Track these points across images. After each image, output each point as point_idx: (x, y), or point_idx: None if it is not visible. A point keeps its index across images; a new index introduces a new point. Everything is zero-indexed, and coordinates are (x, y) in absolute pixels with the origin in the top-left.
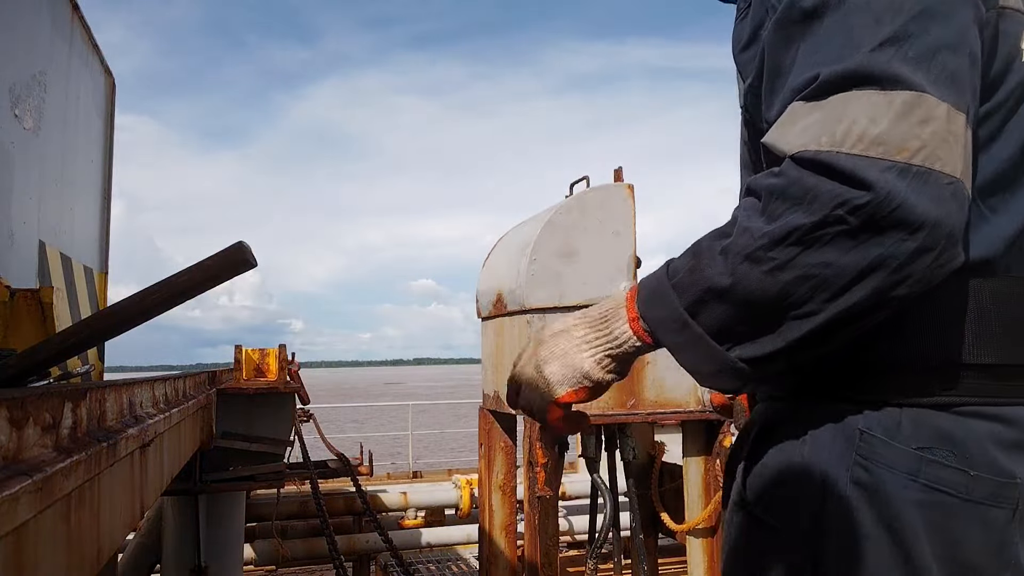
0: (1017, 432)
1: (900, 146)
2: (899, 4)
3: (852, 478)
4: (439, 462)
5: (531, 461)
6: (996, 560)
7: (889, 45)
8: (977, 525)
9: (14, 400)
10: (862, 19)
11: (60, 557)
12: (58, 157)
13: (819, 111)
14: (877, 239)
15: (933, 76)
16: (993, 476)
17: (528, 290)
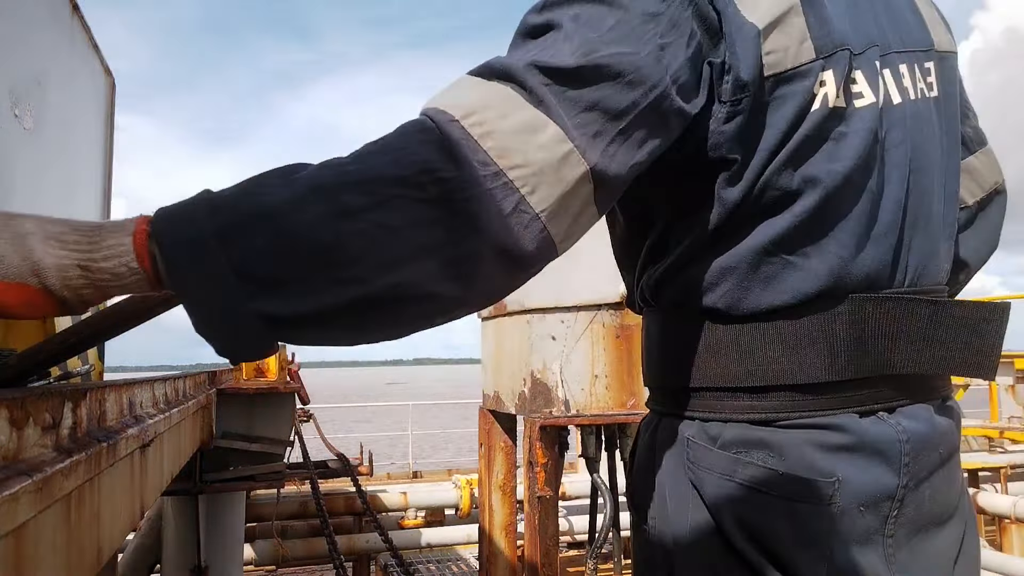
0: (841, 436)
1: (507, 152)
2: (593, 47)
3: (688, 478)
4: (439, 462)
5: (531, 461)
6: (805, 552)
7: (559, 76)
8: (785, 519)
9: (14, 400)
10: (558, 41)
11: (60, 557)
12: (58, 157)
13: (474, 88)
14: (446, 221)
15: (579, 122)
16: (807, 475)
17: (528, 290)
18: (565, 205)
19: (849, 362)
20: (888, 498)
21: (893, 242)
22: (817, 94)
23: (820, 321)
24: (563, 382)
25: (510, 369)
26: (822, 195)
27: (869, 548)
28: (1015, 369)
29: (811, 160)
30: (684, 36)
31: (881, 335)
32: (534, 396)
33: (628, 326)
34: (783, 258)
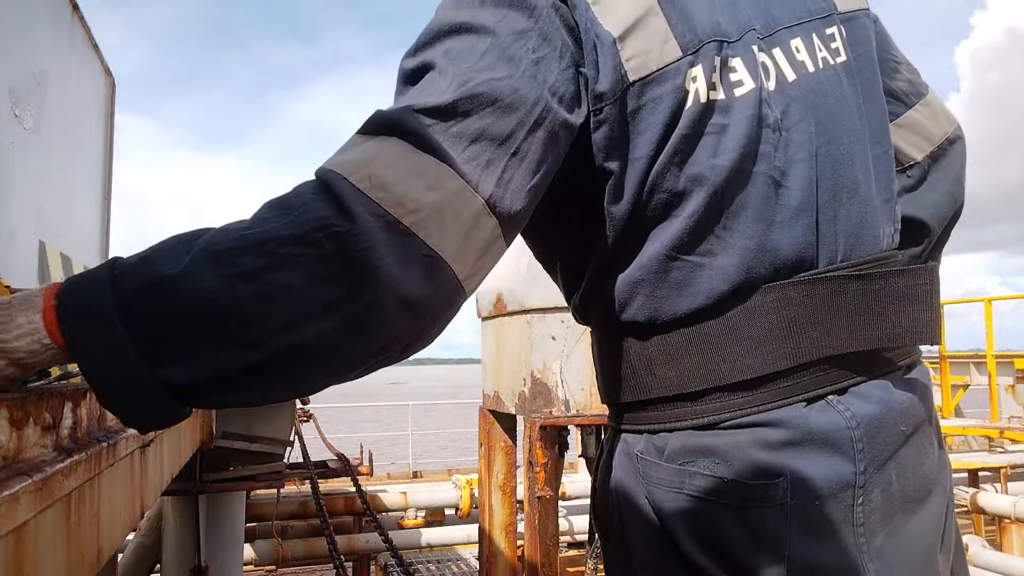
0: (785, 431)
1: (399, 200)
2: (467, 77)
3: (642, 493)
4: (439, 462)
5: (531, 461)
6: (762, 556)
7: (438, 114)
8: (738, 526)
9: (14, 400)
10: (434, 80)
11: (60, 557)
12: (58, 157)
13: (361, 145)
14: (344, 275)
15: (467, 156)
16: (752, 480)
17: (528, 290)
18: (468, 241)
19: (780, 352)
20: (847, 487)
21: (810, 221)
22: (689, 91)
23: (742, 316)
24: (563, 382)
25: (510, 369)
26: (710, 191)
27: (835, 540)
28: (1015, 369)
29: (692, 158)
30: (556, 48)
31: (809, 319)
32: (534, 396)
33: None
34: (687, 261)
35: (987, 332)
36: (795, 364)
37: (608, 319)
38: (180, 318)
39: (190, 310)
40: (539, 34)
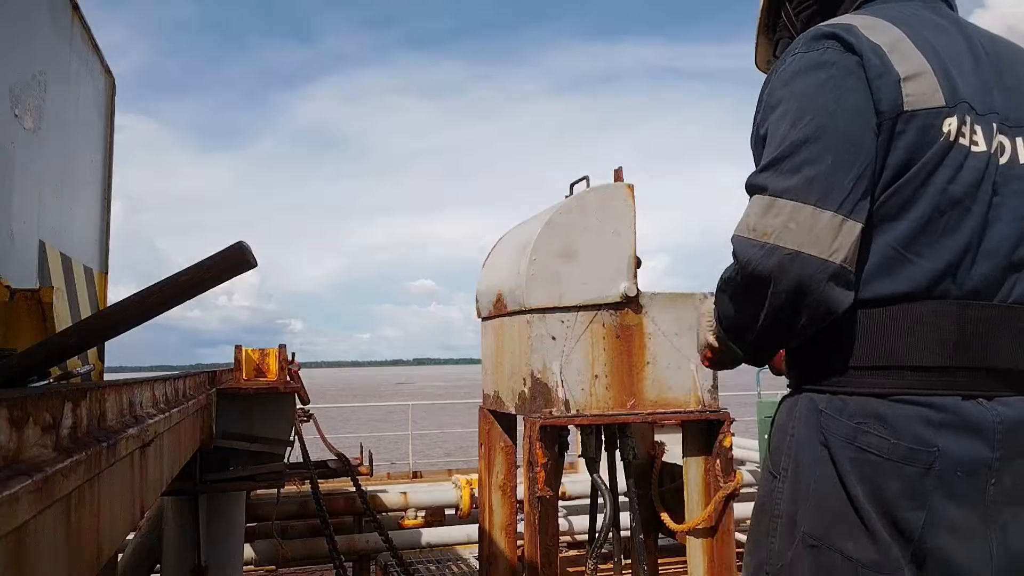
0: (943, 415)
1: (763, 232)
2: (784, 135)
3: (819, 440)
4: (439, 462)
5: (531, 461)
6: (909, 502)
7: (769, 166)
8: (895, 478)
9: (14, 400)
10: (768, 146)
11: (60, 557)
12: (58, 157)
13: (746, 208)
14: (751, 288)
15: (792, 183)
16: (912, 444)
17: (528, 290)
18: (808, 233)
19: (954, 351)
20: (984, 466)
21: (998, 264)
22: (944, 131)
23: (932, 311)
24: (563, 382)
25: (510, 369)
26: (936, 207)
27: (968, 505)
28: None
29: (932, 179)
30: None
31: (976, 334)
32: (534, 396)
33: (628, 326)
34: (902, 254)
35: None
36: (961, 365)
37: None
38: (722, 322)
39: (721, 319)
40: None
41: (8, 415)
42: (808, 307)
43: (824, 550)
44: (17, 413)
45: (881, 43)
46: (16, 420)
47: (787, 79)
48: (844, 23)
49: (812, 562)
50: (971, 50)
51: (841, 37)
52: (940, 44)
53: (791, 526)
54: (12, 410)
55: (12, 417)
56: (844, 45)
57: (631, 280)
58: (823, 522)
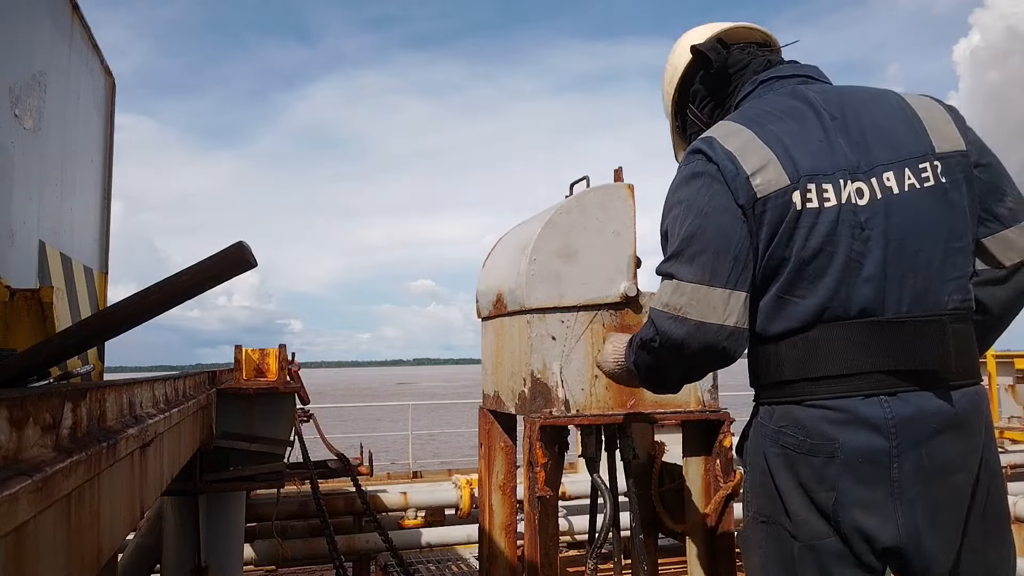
0: (842, 414)
1: (673, 307)
2: (677, 233)
3: (759, 442)
4: (439, 462)
5: (531, 461)
6: (820, 485)
7: (672, 258)
8: (806, 466)
9: (14, 400)
10: (669, 242)
11: (60, 557)
12: (58, 157)
13: (659, 288)
14: (669, 350)
15: (689, 270)
16: (817, 440)
17: (528, 290)
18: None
19: (844, 362)
20: (884, 454)
21: (879, 286)
22: (793, 203)
23: (820, 336)
24: (563, 382)
25: (510, 369)
26: (800, 260)
27: (874, 485)
28: (1015, 369)
29: (792, 240)
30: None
31: (864, 345)
32: (534, 396)
33: (628, 326)
34: (787, 299)
35: None
36: (850, 372)
37: (753, 332)
38: (637, 372)
39: (632, 372)
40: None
41: (8, 415)
42: (712, 359)
43: (771, 524)
44: (17, 413)
45: (733, 149)
46: (16, 420)
47: (675, 188)
48: (708, 136)
49: (763, 533)
50: (820, 123)
51: (703, 151)
52: (786, 132)
53: (746, 505)
54: (12, 410)
55: (12, 417)
56: (707, 157)
57: (631, 280)
58: (764, 503)
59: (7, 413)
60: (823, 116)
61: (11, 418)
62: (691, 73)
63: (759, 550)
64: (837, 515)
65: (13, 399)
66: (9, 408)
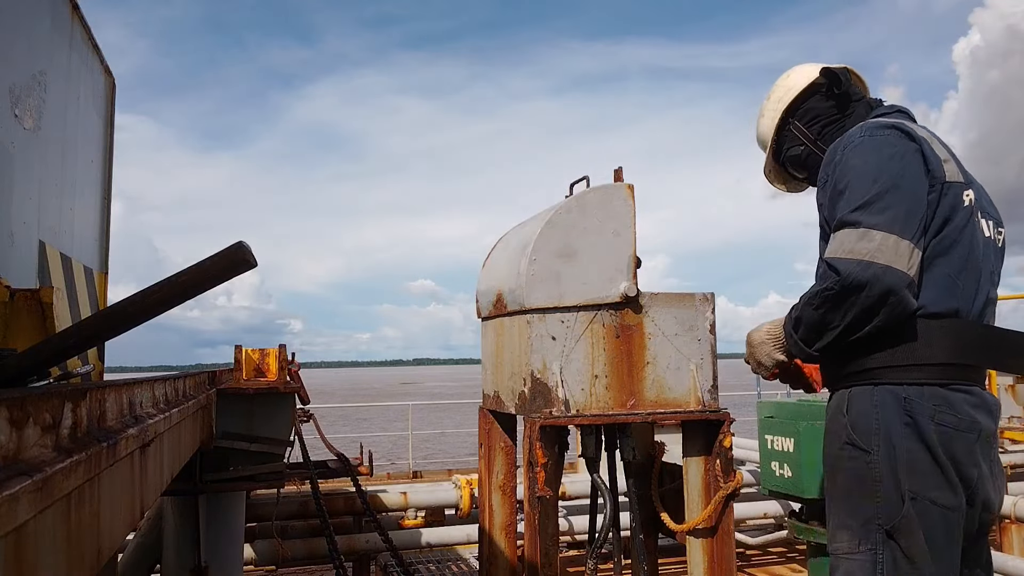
0: (977, 399)
1: (860, 252)
2: (867, 188)
3: (904, 421)
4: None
5: (531, 461)
6: (970, 458)
7: (861, 208)
8: (962, 442)
9: (14, 400)
10: (851, 195)
11: (60, 557)
12: (58, 157)
13: (835, 238)
14: (847, 294)
15: (880, 219)
16: (969, 421)
17: (528, 290)
18: (895, 255)
19: (971, 353)
20: (992, 435)
21: (984, 299)
22: (965, 199)
23: (963, 323)
24: (563, 382)
25: (510, 369)
26: (969, 250)
27: (990, 460)
28: None
29: (965, 230)
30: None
31: (982, 339)
32: (534, 396)
33: (628, 326)
34: (955, 281)
35: None
36: (973, 363)
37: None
38: (807, 328)
39: (807, 325)
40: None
41: (8, 415)
42: (890, 306)
43: (920, 501)
44: (17, 413)
45: (924, 137)
46: (16, 420)
47: (862, 153)
48: (894, 122)
49: (916, 511)
50: (950, 154)
51: (902, 128)
52: (940, 145)
53: (894, 487)
54: (12, 410)
55: (12, 417)
56: (904, 134)
57: (631, 280)
58: (916, 480)
59: (7, 413)
60: (945, 145)
61: (11, 418)
62: (807, 94)
63: (920, 529)
64: (977, 487)
65: (13, 399)
66: (9, 408)
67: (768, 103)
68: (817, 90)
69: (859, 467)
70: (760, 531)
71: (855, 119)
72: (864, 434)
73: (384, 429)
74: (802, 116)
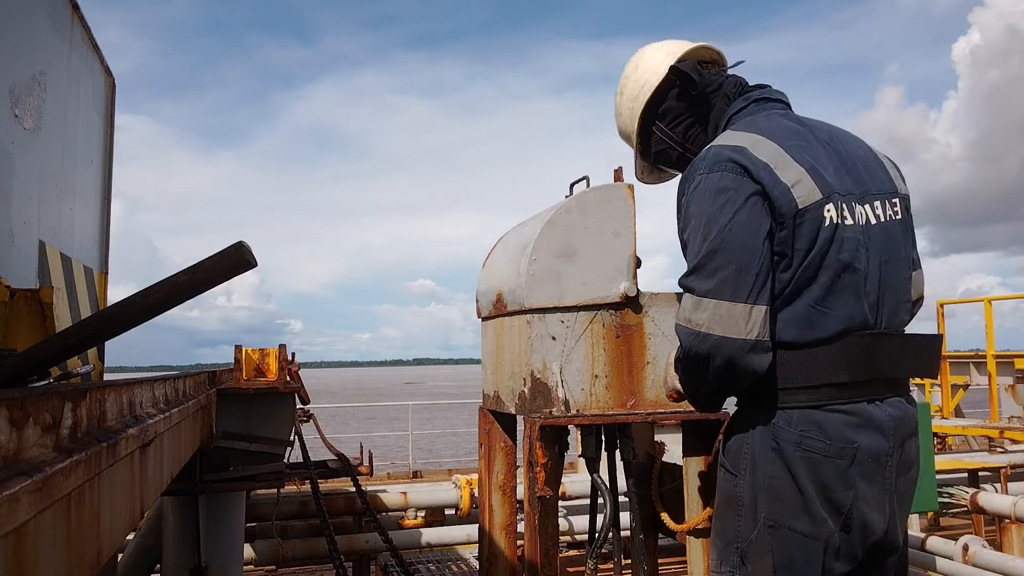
0: (858, 418)
1: (696, 323)
2: (699, 247)
3: (771, 447)
4: (439, 462)
5: (531, 461)
6: (841, 485)
7: (694, 272)
8: (831, 467)
9: (14, 400)
10: (689, 254)
11: (60, 557)
12: (58, 157)
13: (681, 302)
14: (697, 363)
15: (710, 285)
16: (840, 443)
17: (528, 290)
18: (728, 322)
19: (859, 370)
20: (884, 454)
21: (873, 301)
22: (825, 217)
23: (844, 346)
24: (563, 382)
25: (510, 369)
26: (836, 272)
27: (875, 482)
28: (1015, 369)
29: (827, 254)
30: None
31: (871, 354)
32: (534, 396)
33: (628, 326)
34: (819, 310)
35: (987, 332)
36: (866, 378)
37: (775, 340)
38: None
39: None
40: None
41: (8, 415)
42: (739, 373)
43: (779, 528)
44: (17, 413)
45: (767, 159)
46: (16, 420)
47: (698, 199)
48: (735, 144)
49: (771, 538)
50: (823, 147)
51: (735, 161)
52: (804, 149)
53: (752, 512)
54: (12, 410)
55: (12, 417)
56: (740, 168)
57: (631, 280)
58: (776, 508)
59: (7, 413)
60: (822, 141)
61: (11, 418)
62: (662, 91)
63: (769, 555)
64: (851, 512)
65: (13, 399)
66: (9, 408)
67: (622, 99)
68: (672, 85)
69: (728, 488)
70: None
71: (717, 114)
72: (734, 457)
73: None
74: (663, 116)
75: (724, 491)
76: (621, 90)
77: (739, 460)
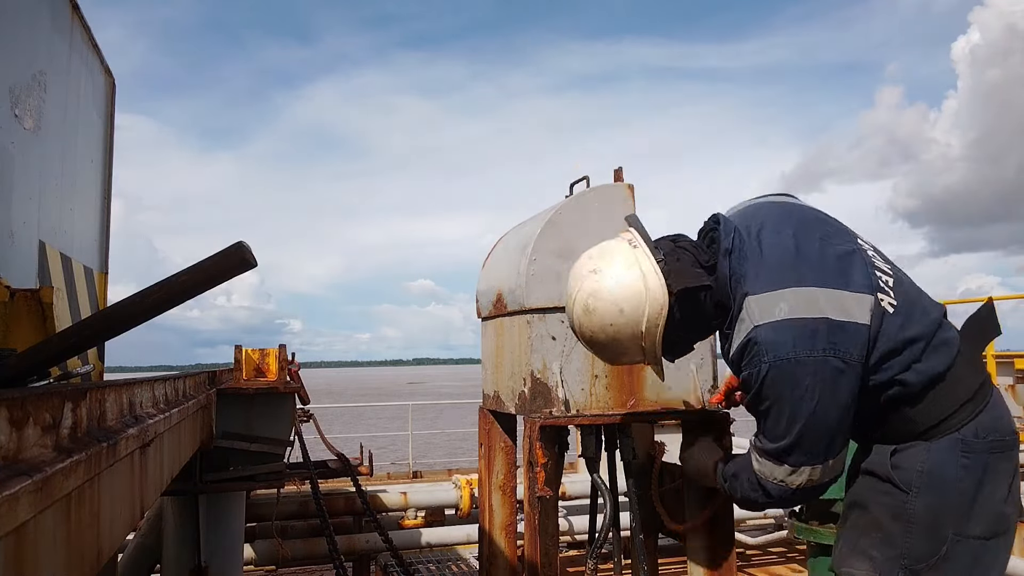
0: (996, 408)
1: (791, 482)
2: (787, 426)
3: (961, 464)
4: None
5: (531, 461)
6: (1013, 471)
7: (785, 451)
8: (1008, 461)
9: (14, 400)
10: (777, 424)
11: (60, 557)
12: (58, 157)
13: (763, 462)
14: (770, 503)
15: (804, 458)
16: (1004, 434)
17: (528, 290)
18: (821, 475)
19: (963, 395)
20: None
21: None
22: (882, 307)
23: (949, 381)
24: (563, 382)
25: (510, 369)
26: (897, 328)
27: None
28: (1015, 369)
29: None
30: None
31: (970, 349)
32: (534, 396)
33: None
34: (915, 356)
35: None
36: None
37: (897, 382)
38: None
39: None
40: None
41: (8, 415)
42: (810, 495)
43: (964, 540)
44: (17, 413)
45: (834, 314)
46: (16, 420)
47: (783, 380)
48: (820, 318)
49: (960, 550)
50: (806, 234)
51: (837, 347)
52: (813, 261)
53: (932, 529)
54: (12, 410)
55: (12, 417)
56: (840, 359)
57: None
58: (959, 520)
59: (7, 413)
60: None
61: (11, 418)
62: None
63: (961, 566)
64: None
65: (13, 399)
66: (9, 408)
67: (621, 339)
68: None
69: (895, 506)
70: (760, 531)
71: (719, 285)
72: (906, 474)
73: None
74: (676, 326)
75: (887, 506)
76: (615, 335)
77: (911, 476)
